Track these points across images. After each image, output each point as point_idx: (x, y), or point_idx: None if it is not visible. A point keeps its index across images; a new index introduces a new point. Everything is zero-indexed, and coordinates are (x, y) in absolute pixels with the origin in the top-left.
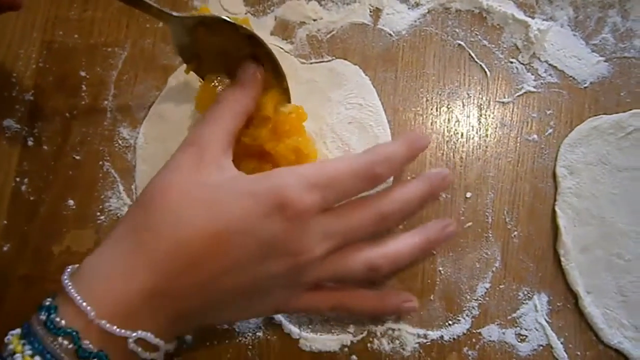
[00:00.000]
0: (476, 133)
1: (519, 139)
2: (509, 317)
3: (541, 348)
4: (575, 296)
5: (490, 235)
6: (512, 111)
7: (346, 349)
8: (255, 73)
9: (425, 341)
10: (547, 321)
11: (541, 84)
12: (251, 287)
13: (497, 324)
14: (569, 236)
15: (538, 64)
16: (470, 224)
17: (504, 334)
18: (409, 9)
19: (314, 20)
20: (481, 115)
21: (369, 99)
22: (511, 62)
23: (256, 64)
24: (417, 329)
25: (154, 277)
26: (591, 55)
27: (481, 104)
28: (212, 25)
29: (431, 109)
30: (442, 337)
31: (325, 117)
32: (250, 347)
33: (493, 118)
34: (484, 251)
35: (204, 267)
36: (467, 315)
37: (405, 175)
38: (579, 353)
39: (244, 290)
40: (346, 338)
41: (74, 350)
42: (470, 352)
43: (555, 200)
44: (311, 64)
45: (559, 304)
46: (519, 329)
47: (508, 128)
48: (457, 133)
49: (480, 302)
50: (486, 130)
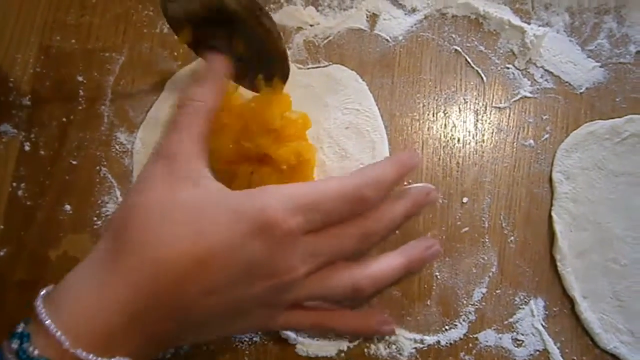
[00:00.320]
0: (473, 138)
1: (515, 144)
2: (505, 322)
3: (538, 353)
4: (571, 301)
5: (487, 240)
6: (509, 116)
7: (343, 354)
8: (219, 66)
9: (422, 346)
10: (543, 326)
11: (537, 89)
12: (233, 307)
13: (494, 329)
14: (565, 241)
15: (534, 69)
16: (466, 229)
17: (500, 339)
18: (405, 14)
19: (311, 25)
20: (478, 121)
21: (365, 104)
22: (507, 68)
23: (221, 55)
24: (413, 334)
25: (134, 300)
26: (587, 61)
27: (478, 109)
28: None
29: (428, 114)
30: (438, 342)
31: (322, 123)
32: (247, 352)
33: (489, 123)
34: (480, 256)
35: (186, 289)
36: (463, 320)
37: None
38: (575, 358)
39: (226, 311)
40: (343, 343)
41: None
42: (467, 357)
43: (551, 206)
44: (308, 69)
45: (555, 309)
46: (515, 334)
47: (504, 133)
48: (454, 138)
49: (476, 307)
50: (483, 135)
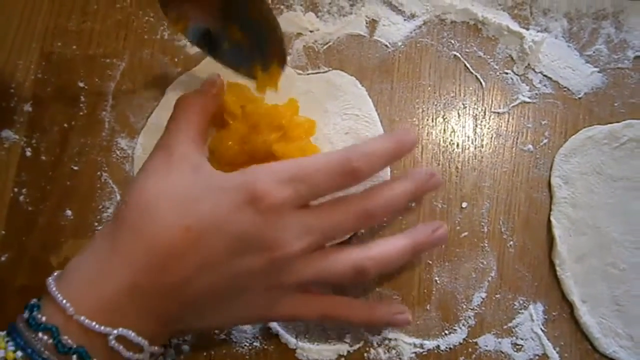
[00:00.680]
0: (472, 143)
1: (514, 149)
2: (505, 327)
3: (537, 357)
4: (570, 306)
5: (486, 245)
6: (508, 121)
7: (343, 358)
8: (215, 78)
9: (421, 351)
10: (542, 330)
11: (536, 94)
12: (229, 285)
13: (493, 334)
14: (564, 246)
15: (533, 74)
16: (466, 233)
17: (500, 343)
18: (404, 20)
19: (311, 31)
20: (477, 126)
21: (365, 109)
22: (506, 73)
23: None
24: (413, 338)
25: (131, 274)
26: (585, 66)
27: (477, 114)
28: None
29: (427, 120)
30: (438, 346)
31: (321, 128)
32: (247, 357)
33: (488, 128)
34: (479, 261)
35: (179, 262)
36: (463, 325)
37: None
38: None
39: (222, 289)
40: (343, 348)
41: (54, 345)
42: None
43: (550, 210)
44: (308, 74)
45: (554, 313)
46: (514, 338)
47: (503, 138)
48: (453, 143)
49: (476, 311)
50: (482, 140)
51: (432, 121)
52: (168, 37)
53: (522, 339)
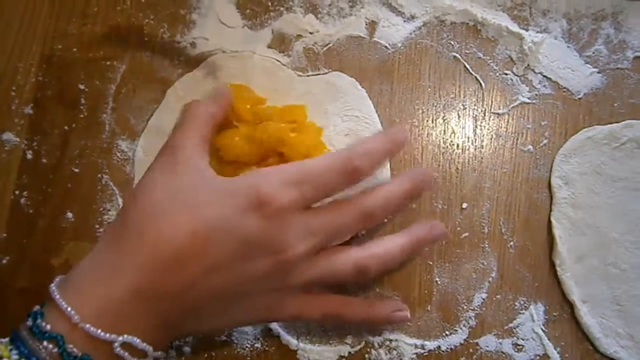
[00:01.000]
0: (472, 144)
1: (514, 149)
2: (505, 327)
3: (538, 358)
4: (571, 306)
5: (487, 245)
6: (507, 122)
7: (344, 359)
8: (225, 90)
9: (422, 352)
10: (543, 331)
11: (536, 95)
12: (236, 289)
13: (494, 334)
14: (564, 246)
15: (532, 75)
16: (466, 234)
17: (500, 344)
18: (404, 21)
19: (311, 33)
20: (476, 127)
21: (365, 111)
22: (506, 74)
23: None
24: (414, 339)
25: (137, 278)
26: (585, 67)
27: (476, 115)
28: None
29: (427, 121)
30: (439, 347)
31: (322, 129)
32: (248, 358)
33: (488, 129)
34: (480, 261)
35: (185, 267)
36: (464, 326)
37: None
38: None
39: (229, 292)
40: (344, 349)
41: (59, 354)
42: None
43: (550, 211)
44: (308, 76)
45: (555, 313)
46: (515, 338)
47: (503, 139)
48: (453, 144)
49: (477, 312)
50: (482, 141)
51: (432, 122)
52: (168, 39)
53: (522, 340)
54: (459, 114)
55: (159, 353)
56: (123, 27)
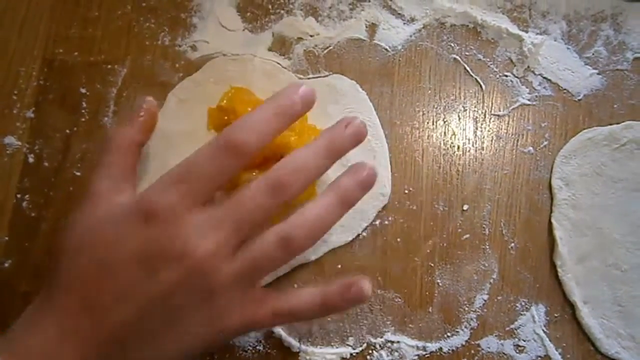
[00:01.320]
0: (472, 146)
1: (514, 151)
2: (507, 329)
3: (539, 359)
4: (572, 307)
5: (488, 247)
6: (508, 124)
7: None
8: (148, 107)
9: (424, 353)
10: (545, 332)
11: (536, 96)
12: (158, 308)
13: (496, 335)
14: (565, 247)
15: (532, 77)
16: (467, 236)
17: (502, 345)
18: (404, 24)
19: (311, 36)
20: (477, 128)
21: (366, 113)
22: (506, 76)
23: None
24: (415, 341)
25: (59, 324)
26: (584, 68)
27: (477, 117)
28: None
29: (427, 123)
30: (440, 349)
31: None
32: None
33: (489, 131)
34: (481, 263)
35: (97, 300)
36: (465, 327)
37: (402, 188)
38: None
39: (153, 314)
40: (345, 351)
41: None
42: None
43: (551, 212)
44: (309, 79)
45: (556, 314)
46: (517, 340)
47: (504, 141)
48: (454, 146)
49: (478, 313)
50: (482, 143)
51: (433, 124)
52: (169, 42)
53: (524, 341)
54: (459, 116)
55: None
56: (124, 31)
